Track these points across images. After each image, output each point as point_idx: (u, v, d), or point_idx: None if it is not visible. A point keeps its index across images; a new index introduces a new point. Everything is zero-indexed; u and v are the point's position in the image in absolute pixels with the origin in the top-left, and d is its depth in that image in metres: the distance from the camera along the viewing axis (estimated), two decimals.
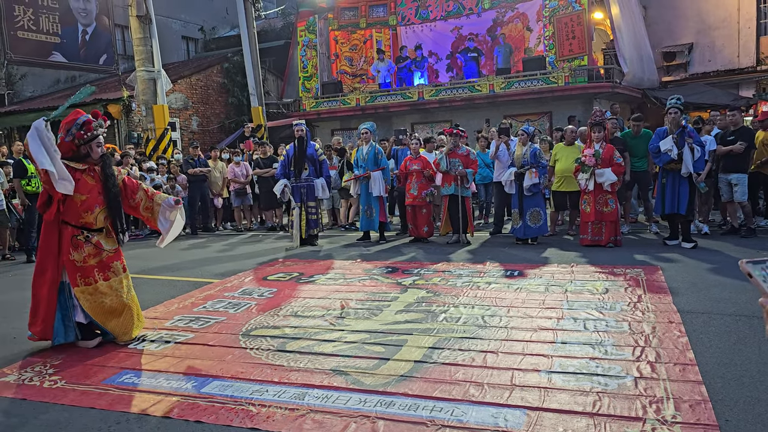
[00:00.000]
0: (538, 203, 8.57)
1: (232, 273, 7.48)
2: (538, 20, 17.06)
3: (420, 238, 9.41)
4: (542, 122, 15.78)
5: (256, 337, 4.71)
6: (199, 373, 3.96)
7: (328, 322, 5.05)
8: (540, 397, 3.33)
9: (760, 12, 16.96)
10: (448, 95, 16.77)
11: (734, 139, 8.41)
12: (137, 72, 15.32)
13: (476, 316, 4.99)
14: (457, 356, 4.06)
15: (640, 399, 3.24)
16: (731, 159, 8.46)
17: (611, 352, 3.99)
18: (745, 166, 8.52)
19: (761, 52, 16.92)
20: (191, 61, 23.45)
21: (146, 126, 15.60)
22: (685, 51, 17.67)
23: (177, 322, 5.26)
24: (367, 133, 9.64)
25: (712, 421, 2.96)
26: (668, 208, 7.86)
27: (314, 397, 3.49)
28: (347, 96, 18.42)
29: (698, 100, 15.34)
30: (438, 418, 3.15)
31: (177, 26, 23.97)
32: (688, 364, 3.71)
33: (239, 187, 12.17)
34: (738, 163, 8.44)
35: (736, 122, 8.61)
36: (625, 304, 5.15)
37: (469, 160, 8.95)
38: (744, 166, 8.49)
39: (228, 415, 3.32)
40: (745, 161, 8.53)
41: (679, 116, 7.71)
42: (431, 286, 6.21)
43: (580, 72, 15.20)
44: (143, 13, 14.89)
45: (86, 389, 3.79)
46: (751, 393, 3.29)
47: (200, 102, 20.16)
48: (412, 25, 19.15)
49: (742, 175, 8.42)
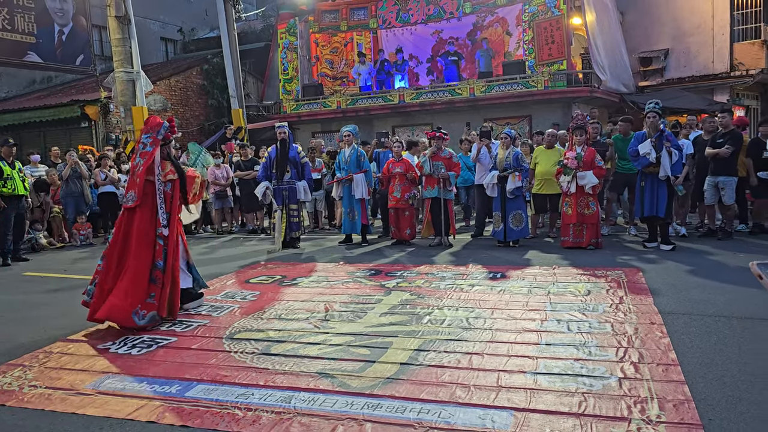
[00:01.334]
0: (520, 206, 8.63)
1: (213, 276, 7.41)
2: (517, 25, 17.21)
3: (402, 241, 9.42)
4: (522, 126, 15.90)
5: (240, 341, 4.67)
6: (183, 377, 3.92)
7: (313, 325, 5.03)
8: (526, 398, 3.35)
9: (734, 19, 17.30)
10: (428, 98, 16.82)
11: (723, 142, 8.48)
12: (116, 73, 15.13)
13: (460, 318, 5.01)
14: (442, 358, 4.07)
15: (625, 399, 3.28)
16: (720, 162, 8.48)
17: (595, 353, 4.03)
18: (733, 169, 8.55)
19: (735, 58, 17.26)
20: (170, 62, 23.24)
21: (125, 128, 15.42)
22: (661, 56, 17.95)
23: (159, 326, 5.20)
24: (350, 136, 9.63)
25: (696, 420, 3.00)
26: (647, 210, 7.97)
27: (301, 400, 3.48)
28: (328, 99, 18.39)
29: (674, 104, 15.58)
30: (425, 420, 3.15)
31: (156, 27, 23.73)
32: (670, 365, 3.76)
33: (220, 189, 12.07)
34: (726, 167, 8.47)
35: (726, 124, 8.65)
36: (608, 306, 5.21)
37: (452, 163, 8.99)
38: (732, 170, 8.53)
39: (213, 419, 3.29)
40: (734, 164, 8.55)
41: (657, 120, 7.83)
42: (415, 289, 6.22)
43: (560, 76, 15.36)
44: (122, 13, 14.72)
45: (67, 395, 3.72)
46: (732, 392, 3.35)
47: (179, 104, 19.98)
48: (393, 28, 19.18)
49: (730, 178, 8.47)
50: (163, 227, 5.29)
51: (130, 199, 5.29)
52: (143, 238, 5.22)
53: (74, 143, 15.76)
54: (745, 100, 18.49)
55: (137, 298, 5.05)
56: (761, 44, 17.06)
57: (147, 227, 5.26)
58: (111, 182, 11.76)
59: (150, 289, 5.14)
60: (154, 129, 5.44)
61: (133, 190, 5.27)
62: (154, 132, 5.43)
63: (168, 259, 5.26)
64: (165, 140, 5.49)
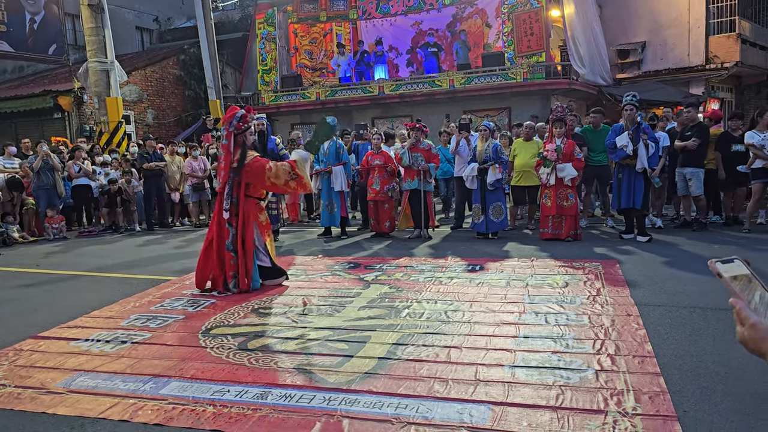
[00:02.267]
0: (500, 198, 8.65)
1: (190, 270, 7.29)
2: (497, 16, 17.22)
3: (382, 233, 9.39)
4: (501, 118, 15.94)
5: (216, 336, 4.61)
6: (158, 374, 3.85)
7: (290, 320, 4.98)
8: (504, 392, 3.34)
9: (709, 12, 17.48)
10: (408, 90, 16.78)
11: (691, 134, 8.59)
12: (89, 63, 14.85)
13: (439, 312, 5.00)
14: (421, 352, 4.05)
15: (602, 392, 3.29)
16: (687, 154, 8.63)
17: (572, 346, 4.04)
18: (700, 161, 8.70)
19: (710, 51, 17.45)
20: (146, 52, 22.86)
21: (99, 119, 15.15)
22: (638, 49, 18.09)
23: (133, 322, 5.11)
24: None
25: (671, 412, 3.02)
26: (624, 202, 8.03)
27: (277, 396, 3.43)
28: (307, 90, 18.25)
29: (651, 97, 15.72)
30: (403, 415, 3.13)
31: (131, 16, 23.31)
32: (646, 356, 3.79)
33: (197, 181, 11.92)
34: (693, 158, 8.62)
35: (693, 118, 8.80)
36: (585, 298, 5.23)
37: (431, 155, 8.97)
38: (699, 161, 8.68)
39: (188, 417, 3.23)
40: (701, 156, 8.71)
41: (634, 113, 7.89)
42: (394, 282, 6.20)
43: (538, 68, 15.41)
44: (95, 2, 14.44)
45: (38, 394, 3.64)
46: (707, 383, 3.38)
47: (156, 94, 19.69)
48: (373, 19, 19.08)
49: (696, 170, 8.61)
50: (224, 211, 5.91)
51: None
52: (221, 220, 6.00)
53: (47, 135, 15.46)
54: (720, 93, 18.74)
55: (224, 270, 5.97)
56: (736, 38, 17.26)
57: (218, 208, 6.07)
58: (85, 174, 11.56)
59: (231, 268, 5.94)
60: (227, 121, 6.03)
61: (220, 177, 6.20)
62: (227, 124, 6.03)
63: (237, 240, 5.91)
64: (237, 130, 5.95)
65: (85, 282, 7.08)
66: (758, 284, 1.08)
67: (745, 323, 1.03)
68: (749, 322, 1.03)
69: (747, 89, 20.78)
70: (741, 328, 1.05)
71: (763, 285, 1.08)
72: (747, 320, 1.03)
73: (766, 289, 1.07)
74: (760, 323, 1.02)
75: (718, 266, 1.12)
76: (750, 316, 1.03)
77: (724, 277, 1.10)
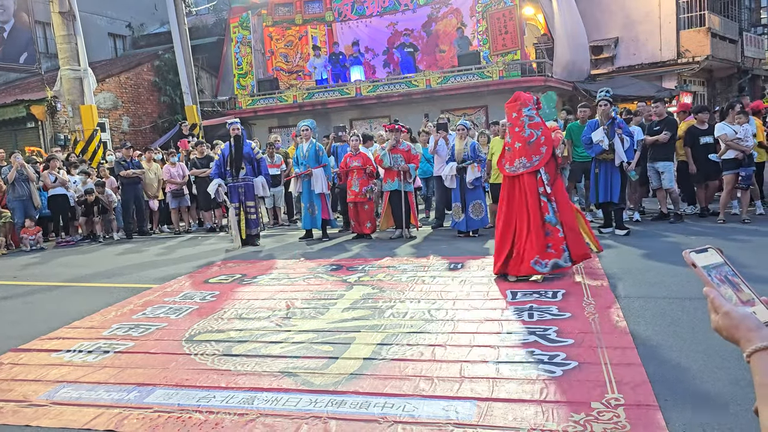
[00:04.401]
0: (479, 196, 8.71)
1: (171, 277, 7.26)
2: (471, 15, 17.32)
3: (363, 235, 9.40)
4: (479, 116, 16.05)
5: (200, 342, 4.58)
6: (142, 383, 3.82)
7: (274, 324, 4.97)
8: (489, 388, 3.38)
9: (679, 7, 17.78)
10: (385, 91, 16.81)
11: (660, 129, 8.78)
12: (62, 71, 14.64)
13: (423, 311, 5.03)
14: (405, 351, 4.07)
15: (585, 384, 3.34)
16: (658, 148, 8.83)
17: (555, 340, 4.09)
18: (670, 154, 8.93)
19: (681, 45, 17.75)
20: (120, 59, 22.58)
21: (73, 127, 14.94)
22: (611, 45, 18.33)
23: (115, 331, 5.07)
24: (308, 131, 9.55)
25: (653, 401, 3.08)
26: (601, 196, 8.14)
27: (263, 400, 3.43)
28: (284, 93, 18.20)
29: (625, 92, 15.95)
30: (390, 414, 3.15)
31: (103, 23, 23.00)
32: (627, 348, 3.85)
33: (176, 188, 11.82)
34: (665, 152, 8.82)
35: (660, 113, 8.97)
36: (566, 292, 5.29)
37: (411, 156, 9.00)
38: (670, 155, 8.90)
39: (175, 424, 3.22)
40: (671, 150, 8.94)
41: (608, 108, 8.00)
42: (376, 282, 6.21)
43: (514, 66, 15.54)
44: (66, 9, 14.23)
45: (20, 407, 3.59)
46: (687, 372, 3.45)
47: (131, 101, 19.47)
48: (348, 21, 19.08)
49: (668, 163, 8.81)
50: (546, 185, 5.86)
51: (521, 165, 5.93)
52: (533, 198, 5.85)
53: (20, 145, 15.22)
54: (692, 86, 19.06)
55: (536, 250, 5.71)
56: (706, 32, 17.58)
57: (534, 188, 5.87)
58: (61, 184, 11.40)
59: (546, 241, 5.76)
60: (531, 101, 6.14)
61: (523, 157, 5.92)
62: (533, 104, 6.11)
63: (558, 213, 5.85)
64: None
65: (64, 293, 6.99)
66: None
67: (719, 311, 1.06)
68: (723, 310, 1.06)
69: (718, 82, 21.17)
70: (715, 316, 1.08)
71: (736, 272, 1.11)
72: (721, 308, 1.06)
73: (739, 276, 1.10)
74: (733, 311, 1.05)
75: (692, 256, 1.14)
76: (723, 304, 1.06)
77: (698, 266, 1.13)
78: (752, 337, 1.01)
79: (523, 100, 6.11)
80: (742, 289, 1.08)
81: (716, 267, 1.12)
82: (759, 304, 1.06)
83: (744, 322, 1.03)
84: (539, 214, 5.82)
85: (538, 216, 5.81)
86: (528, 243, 5.79)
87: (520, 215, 5.92)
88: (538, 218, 5.81)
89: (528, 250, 5.77)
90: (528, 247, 5.78)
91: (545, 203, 5.84)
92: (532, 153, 5.91)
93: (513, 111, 6.13)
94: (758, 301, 1.06)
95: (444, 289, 5.74)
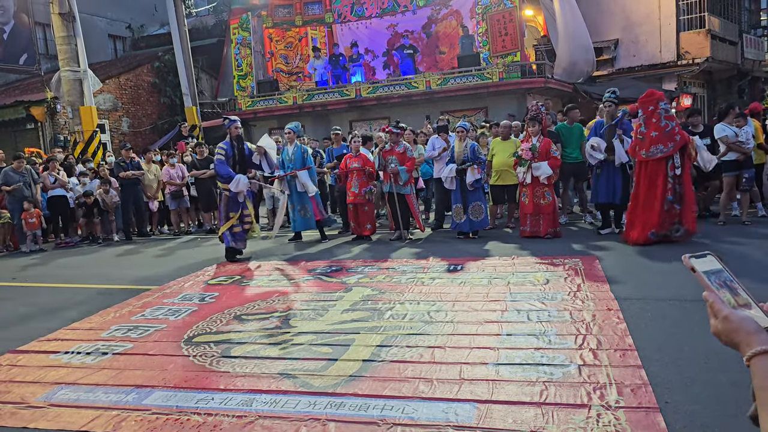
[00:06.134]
0: (479, 197, 8.69)
1: (170, 278, 7.25)
2: (471, 17, 17.33)
3: (363, 236, 9.38)
4: (479, 118, 16.05)
5: (198, 344, 4.57)
6: (140, 385, 3.81)
7: (273, 325, 4.96)
8: (489, 390, 3.36)
9: (679, 9, 17.79)
10: (385, 92, 16.81)
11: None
12: (62, 72, 14.64)
13: (422, 312, 5.02)
14: (405, 353, 4.06)
15: (585, 386, 3.33)
16: None
17: (555, 342, 4.08)
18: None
19: (681, 47, 17.76)
20: (119, 60, 22.60)
21: (73, 128, 14.94)
22: (611, 46, 18.35)
23: (114, 332, 5.06)
24: (291, 134, 9.52)
25: (653, 403, 3.07)
26: (603, 197, 8.14)
27: (262, 402, 3.42)
28: (284, 94, 18.21)
29: (625, 94, 15.92)
30: (389, 416, 3.14)
31: (103, 24, 23.03)
32: (627, 350, 3.84)
33: (175, 189, 11.81)
34: None
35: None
36: (566, 294, 5.28)
37: (405, 158, 8.95)
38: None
39: (173, 426, 3.21)
40: None
41: (614, 109, 8.02)
42: (376, 284, 6.20)
43: (514, 68, 15.54)
44: (66, 10, 14.23)
45: (17, 409, 3.58)
46: (687, 374, 3.44)
47: (130, 102, 19.49)
48: (348, 22, 19.10)
49: None
50: (676, 168, 6.97)
51: (657, 151, 7.00)
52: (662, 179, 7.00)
53: (20, 146, 15.22)
54: (692, 88, 19.07)
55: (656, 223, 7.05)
56: (706, 34, 17.59)
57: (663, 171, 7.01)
58: (61, 185, 11.39)
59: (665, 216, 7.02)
60: (666, 97, 7.17)
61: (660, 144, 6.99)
62: (667, 99, 7.12)
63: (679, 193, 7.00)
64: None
65: (63, 294, 6.98)
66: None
67: (719, 315, 1.07)
68: (722, 315, 1.06)
69: (718, 84, 21.17)
70: (714, 321, 1.08)
71: (734, 278, 1.12)
72: (720, 312, 1.06)
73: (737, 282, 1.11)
74: (732, 315, 1.05)
75: (692, 261, 1.15)
76: (723, 309, 1.06)
77: (698, 271, 1.14)
78: (752, 340, 1.00)
79: (659, 95, 7.27)
80: (740, 294, 1.08)
81: (715, 273, 1.13)
82: (757, 309, 1.06)
83: (743, 326, 1.03)
84: (663, 193, 6.98)
85: (662, 195, 6.98)
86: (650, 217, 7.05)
87: (649, 193, 7.06)
88: (661, 197, 6.98)
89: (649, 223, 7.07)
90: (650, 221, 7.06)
91: (671, 184, 6.96)
92: (668, 141, 6.99)
93: (650, 105, 7.17)
94: (756, 307, 1.06)
95: (443, 290, 5.73)
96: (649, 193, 7.10)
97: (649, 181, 7.12)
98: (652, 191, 7.08)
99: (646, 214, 7.13)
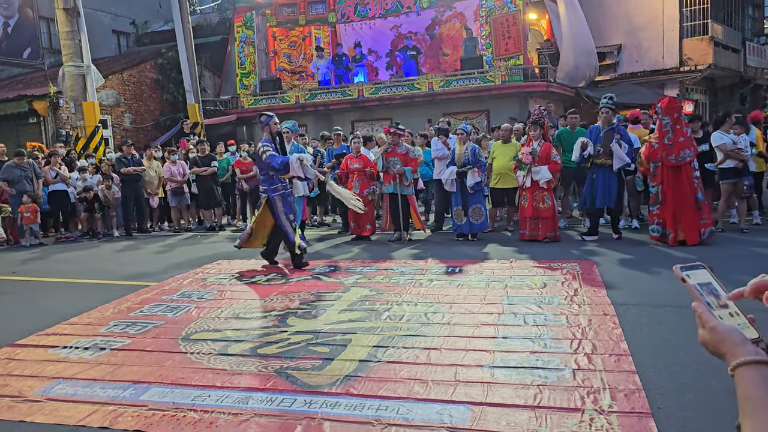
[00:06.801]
0: (479, 200, 8.72)
1: (170, 275, 7.28)
2: (475, 20, 17.34)
3: (362, 237, 9.41)
4: (480, 120, 16.07)
5: (196, 341, 4.59)
6: (138, 381, 3.83)
7: (271, 324, 4.99)
8: (483, 392, 3.38)
9: (683, 15, 17.80)
10: (387, 93, 16.83)
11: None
12: (65, 67, 14.66)
13: (419, 314, 5.04)
14: (401, 354, 4.08)
15: (579, 390, 3.35)
16: None
17: (550, 345, 4.10)
18: None
19: (684, 53, 17.77)
20: (123, 56, 22.63)
21: (75, 123, 14.97)
22: (614, 51, 18.36)
23: (113, 328, 5.08)
24: (288, 133, 9.48)
25: (646, 409, 3.09)
26: (599, 202, 8.14)
27: (258, 400, 3.44)
28: (286, 93, 18.23)
29: (627, 99, 15.96)
30: (384, 416, 3.16)
31: (107, 20, 23.04)
32: (622, 355, 3.86)
33: (176, 186, 11.84)
34: None
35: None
36: (563, 298, 5.30)
37: (408, 159, 9.00)
38: None
39: (169, 422, 3.23)
40: None
41: (611, 115, 8.03)
42: (374, 285, 6.22)
43: (516, 71, 15.56)
44: (70, 5, 14.26)
45: (15, 402, 3.60)
46: (680, 381, 3.46)
47: (133, 98, 19.51)
48: (352, 22, 19.12)
49: None
50: (697, 170, 7.46)
51: (686, 156, 7.32)
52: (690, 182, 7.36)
53: (22, 140, 15.25)
54: (694, 95, 19.07)
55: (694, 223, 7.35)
56: (709, 40, 17.60)
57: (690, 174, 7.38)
58: (62, 180, 11.42)
59: (700, 215, 7.38)
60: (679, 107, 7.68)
61: (687, 149, 7.31)
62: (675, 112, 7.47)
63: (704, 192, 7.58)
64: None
65: (62, 289, 7.01)
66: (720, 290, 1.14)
67: (706, 326, 1.09)
68: (710, 325, 1.08)
69: (720, 91, 21.17)
70: (702, 331, 1.10)
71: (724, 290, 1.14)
72: (708, 323, 1.09)
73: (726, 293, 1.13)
74: (719, 326, 1.07)
75: (682, 272, 1.18)
76: (710, 320, 1.09)
77: (688, 282, 1.16)
78: (737, 351, 1.03)
79: (679, 104, 7.79)
80: (729, 306, 1.10)
81: (706, 284, 1.15)
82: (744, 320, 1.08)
83: (729, 337, 1.05)
84: (694, 194, 7.33)
85: (693, 195, 7.32)
86: (686, 217, 7.36)
87: (681, 196, 7.32)
88: (693, 197, 7.33)
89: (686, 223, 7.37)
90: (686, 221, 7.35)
91: (697, 185, 7.37)
92: (691, 146, 7.37)
93: (675, 111, 7.46)
94: (744, 318, 1.08)
95: (441, 292, 5.75)
96: (678, 196, 7.36)
97: (677, 184, 7.37)
98: (681, 193, 7.35)
99: (686, 215, 7.38)
